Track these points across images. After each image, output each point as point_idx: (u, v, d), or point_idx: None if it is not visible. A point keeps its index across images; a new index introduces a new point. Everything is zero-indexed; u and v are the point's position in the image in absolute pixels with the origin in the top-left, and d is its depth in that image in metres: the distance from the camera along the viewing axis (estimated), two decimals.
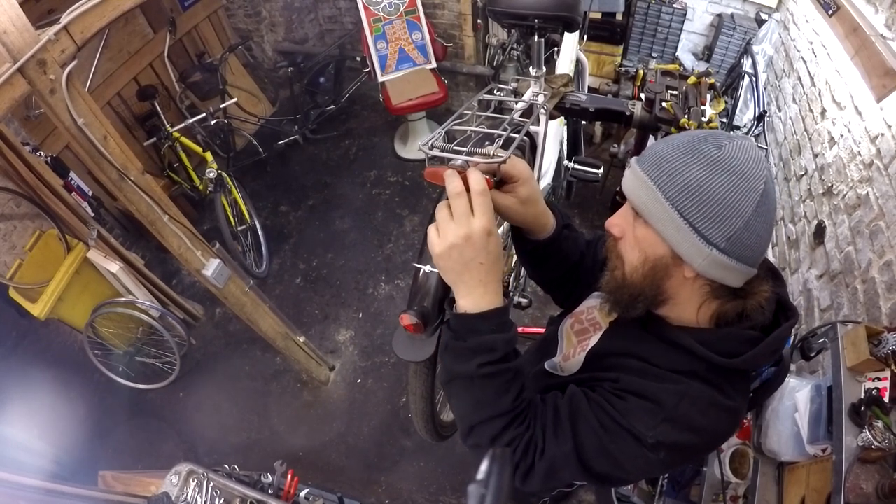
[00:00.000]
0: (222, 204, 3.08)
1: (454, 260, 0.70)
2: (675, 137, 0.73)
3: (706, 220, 0.66)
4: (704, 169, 0.66)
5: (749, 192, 0.66)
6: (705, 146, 0.68)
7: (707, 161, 0.67)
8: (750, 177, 0.66)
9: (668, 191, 0.68)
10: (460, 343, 0.73)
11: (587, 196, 3.52)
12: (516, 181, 0.83)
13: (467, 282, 0.71)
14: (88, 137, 1.44)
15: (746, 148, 0.68)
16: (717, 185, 0.66)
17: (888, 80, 1.67)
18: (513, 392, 0.73)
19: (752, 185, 0.66)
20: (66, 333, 2.81)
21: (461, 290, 0.73)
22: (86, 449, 2.64)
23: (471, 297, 0.72)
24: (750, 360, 0.73)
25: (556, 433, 0.74)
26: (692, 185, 0.66)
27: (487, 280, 0.72)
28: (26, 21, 1.23)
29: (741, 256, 0.68)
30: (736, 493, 1.70)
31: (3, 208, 2.39)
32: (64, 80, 1.32)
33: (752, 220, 0.66)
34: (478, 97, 0.95)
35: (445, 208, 0.71)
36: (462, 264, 0.70)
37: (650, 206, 0.70)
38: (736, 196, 0.66)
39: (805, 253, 2.22)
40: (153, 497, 1.50)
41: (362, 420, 2.73)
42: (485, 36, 3.78)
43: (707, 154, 0.67)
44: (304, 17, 4.35)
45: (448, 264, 0.71)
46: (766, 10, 3.12)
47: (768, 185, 0.67)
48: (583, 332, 0.94)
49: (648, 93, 1.63)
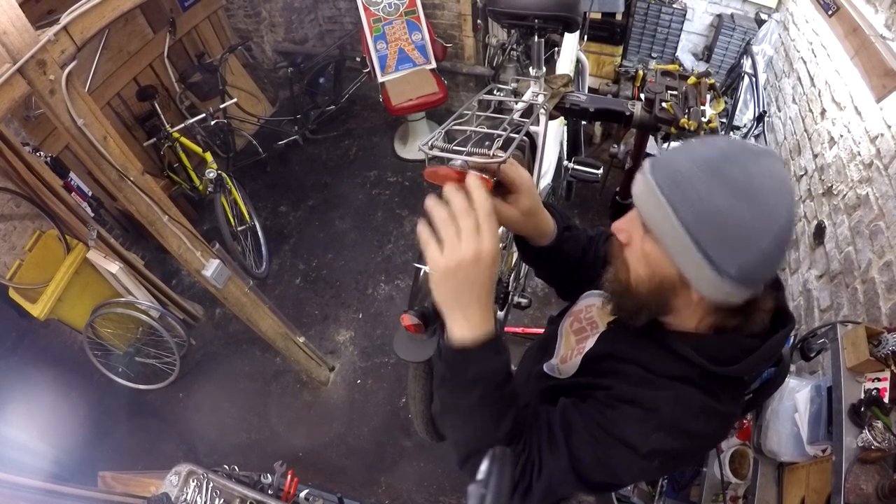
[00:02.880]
0: (222, 204, 3.08)
1: (458, 280, 0.67)
2: (695, 149, 0.66)
3: (722, 250, 0.62)
4: (727, 197, 0.61)
5: (772, 223, 0.62)
6: (730, 169, 0.62)
7: (731, 188, 0.61)
8: (774, 206, 0.62)
9: (685, 216, 0.63)
10: (459, 376, 0.71)
11: (587, 196, 3.52)
12: (517, 190, 0.82)
13: (466, 304, 0.69)
14: (88, 138, 1.44)
15: (774, 172, 0.63)
16: (738, 215, 0.61)
17: (888, 80, 1.67)
18: (510, 416, 0.72)
19: (776, 215, 0.62)
20: (65, 334, 2.81)
21: (457, 314, 0.70)
22: (85, 449, 2.64)
23: (468, 322, 0.69)
24: (745, 368, 0.72)
25: (552, 450, 0.73)
26: (712, 213, 0.61)
27: (486, 302, 0.70)
28: (26, 21, 1.23)
29: (751, 283, 0.66)
30: (736, 494, 1.69)
31: (3, 208, 2.39)
32: (64, 80, 1.32)
33: (770, 249, 0.62)
34: (478, 97, 0.95)
35: (451, 225, 0.68)
36: (467, 285, 0.68)
37: (663, 227, 0.66)
38: (757, 227, 0.61)
39: (805, 253, 2.22)
40: (153, 497, 1.50)
41: (362, 420, 2.72)
42: (485, 36, 3.78)
43: (732, 179, 0.61)
44: (304, 18, 4.35)
45: (451, 284, 0.68)
46: (766, 10, 3.12)
47: (790, 212, 0.63)
48: (581, 331, 0.94)
49: (648, 93, 1.63)
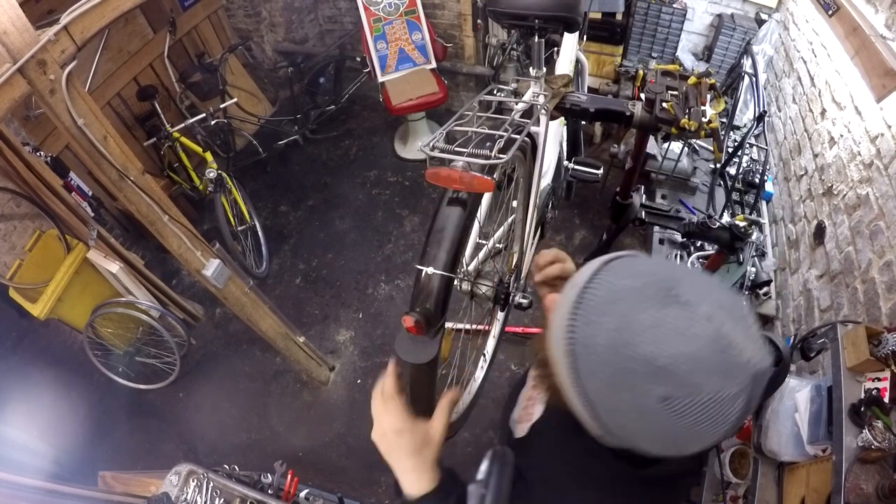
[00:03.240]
0: (222, 204, 3.08)
1: (384, 448, 0.81)
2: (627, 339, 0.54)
3: (609, 438, 0.60)
4: (634, 417, 0.56)
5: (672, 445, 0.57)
6: (655, 386, 0.52)
7: (640, 404, 0.54)
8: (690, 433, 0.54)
9: (582, 395, 0.59)
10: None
11: (587, 196, 3.52)
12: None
13: (400, 470, 0.80)
14: (88, 137, 1.44)
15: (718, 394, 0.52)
16: (640, 430, 0.57)
17: (888, 80, 1.67)
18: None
19: (680, 440, 0.56)
20: (66, 333, 2.81)
21: (399, 475, 0.81)
22: (86, 449, 2.64)
23: (406, 481, 0.79)
24: (668, 468, 0.68)
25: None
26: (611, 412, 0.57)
27: (413, 466, 0.79)
28: (26, 21, 1.23)
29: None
30: (736, 494, 1.70)
31: (3, 208, 2.39)
32: (64, 80, 1.32)
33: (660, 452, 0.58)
34: (478, 98, 0.95)
35: (379, 404, 0.83)
36: (389, 453, 0.81)
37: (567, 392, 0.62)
38: (654, 443, 0.57)
39: (805, 253, 2.22)
40: (153, 497, 1.50)
41: (362, 420, 2.72)
42: (485, 36, 3.78)
43: (649, 403, 0.53)
44: (304, 18, 4.35)
45: (382, 449, 0.82)
46: (766, 10, 3.12)
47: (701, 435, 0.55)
48: (531, 397, 0.94)
49: (649, 93, 1.62)
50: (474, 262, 1.26)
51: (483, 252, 1.32)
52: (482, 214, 1.19)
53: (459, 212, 0.90)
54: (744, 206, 2.75)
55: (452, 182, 0.86)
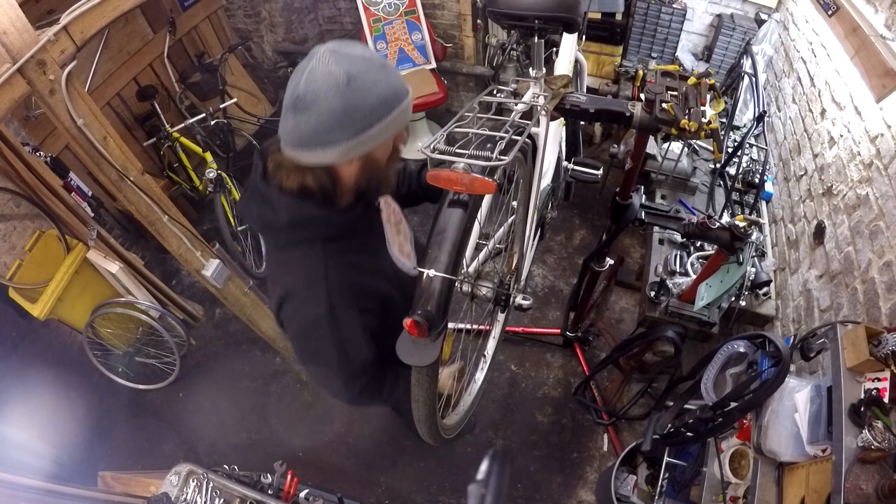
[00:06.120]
0: (222, 204, 3.08)
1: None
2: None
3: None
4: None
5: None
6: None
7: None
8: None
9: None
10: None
11: (587, 196, 3.52)
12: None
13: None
14: (88, 138, 1.44)
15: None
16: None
17: (888, 80, 1.67)
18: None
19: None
20: (65, 334, 2.81)
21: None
22: (85, 449, 2.64)
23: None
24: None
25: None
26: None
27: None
28: (26, 21, 1.23)
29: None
30: (736, 494, 1.69)
31: (3, 208, 2.39)
32: (63, 80, 1.32)
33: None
34: (478, 99, 0.95)
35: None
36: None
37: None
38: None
39: (805, 253, 2.22)
40: (153, 497, 1.50)
41: (362, 420, 2.72)
42: (485, 36, 3.78)
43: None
44: (304, 18, 4.35)
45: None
46: (766, 10, 3.12)
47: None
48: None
49: (648, 93, 1.62)
50: (474, 263, 1.26)
51: (483, 253, 1.32)
52: (482, 215, 1.20)
53: (460, 213, 0.90)
54: (743, 206, 2.75)
55: (454, 184, 0.86)
